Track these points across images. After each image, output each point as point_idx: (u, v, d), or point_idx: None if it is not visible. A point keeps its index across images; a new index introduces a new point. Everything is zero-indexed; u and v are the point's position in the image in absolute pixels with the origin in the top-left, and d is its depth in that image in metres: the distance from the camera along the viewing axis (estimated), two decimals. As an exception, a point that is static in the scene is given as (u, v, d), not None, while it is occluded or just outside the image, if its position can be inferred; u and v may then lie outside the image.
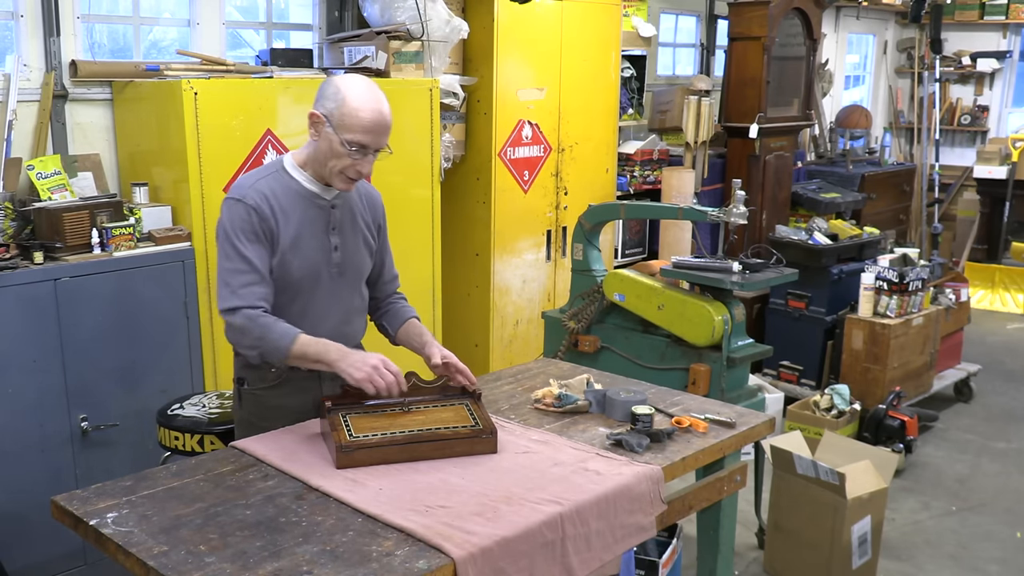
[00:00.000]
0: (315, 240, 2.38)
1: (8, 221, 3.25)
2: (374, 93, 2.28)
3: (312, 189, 2.37)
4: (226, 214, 2.32)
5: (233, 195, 2.32)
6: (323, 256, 2.40)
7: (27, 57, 3.56)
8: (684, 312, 3.90)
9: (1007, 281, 7.71)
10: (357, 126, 2.24)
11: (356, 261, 2.49)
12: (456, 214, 4.88)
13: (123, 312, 3.30)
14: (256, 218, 2.29)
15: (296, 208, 2.35)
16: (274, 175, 2.37)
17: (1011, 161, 7.98)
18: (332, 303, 2.46)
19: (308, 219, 2.36)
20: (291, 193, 2.35)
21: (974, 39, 8.88)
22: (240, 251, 2.28)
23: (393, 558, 1.77)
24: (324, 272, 2.42)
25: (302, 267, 2.37)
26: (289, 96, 3.69)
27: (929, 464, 4.62)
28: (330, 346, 2.26)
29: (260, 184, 2.33)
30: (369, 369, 2.21)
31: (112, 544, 1.82)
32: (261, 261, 2.30)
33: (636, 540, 2.18)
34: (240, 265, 2.28)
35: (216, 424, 2.86)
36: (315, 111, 2.29)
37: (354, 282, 2.52)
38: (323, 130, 2.28)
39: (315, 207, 2.38)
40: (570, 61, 5.07)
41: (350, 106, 2.24)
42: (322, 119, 2.28)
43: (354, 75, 2.33)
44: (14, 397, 3.09)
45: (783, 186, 6.31)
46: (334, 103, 2.26)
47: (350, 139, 2.25)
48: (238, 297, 2.26)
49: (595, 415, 2.54)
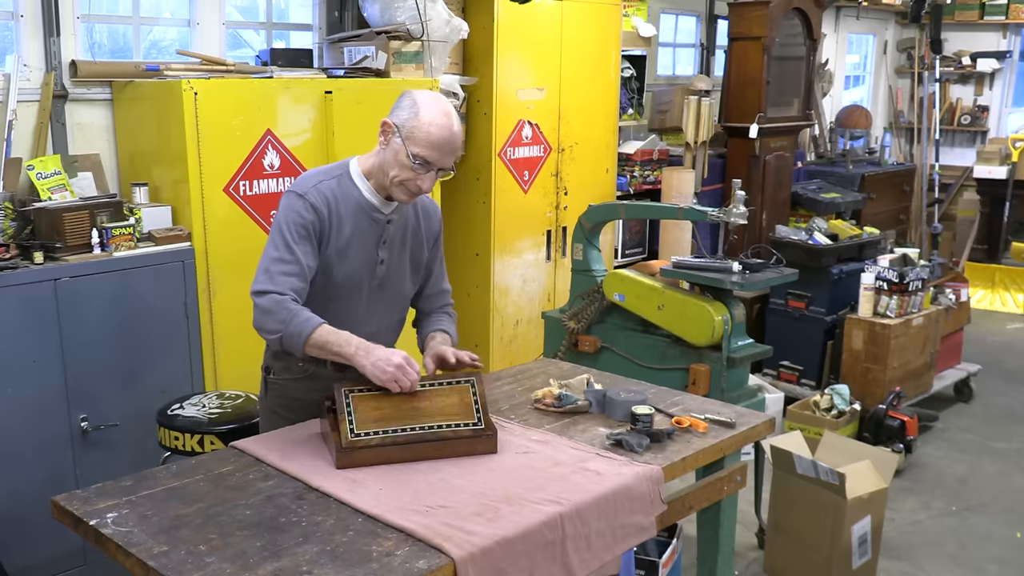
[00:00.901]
0: (364, 251, 2.39)
1: (8, 221, 3.25)
2: (448, 112, 2.29)
3: (372, 201, 2.38)
4: (285, 206, 2.33)
5: (296, 189, 2.34)
6: (368, 268, 2.42)
7: (27, 57, 3.56)
8: (684, 312, 3.90)
9: (1007, 281, 7.71)
10: (425, 140, 2.25)
11: (399, 279, 2.50)
12: (456, 214, 4.88)
13: (123, 312, 3.30)
14: (312, 217, 2.31)
15: (352, 217, 2.36)
16: (339, 178, 2.38)
17: (1011, 161, 7.98)
18: (368, 315, 2.46)
19: (361, 230, 2.37)
20: (351, 201, 2.36)
21: (974, 39, 8.88)
22: (288, 243, 2.29)
23: (393, 558, 1.77)
24: (366, 284, 2.43)
25: (345, 275, 2.38)
26: (289, 96, 3.69)
27: (929, 464, 4.62)
28: (352, 339, 2.25)
29: (323, 185, 2.35)
30: (393, 370, 2.20)
31: (112, 544, 1.82)
32: (306, 258, 2.31)
33: (636, 540, 2.18)
34: (285, 255, 2.28)
35: (216, 424, 2.86)
36: (388, 120, 2.31)
37: (394, 298, 2.53)
38: (392, 139, 2.30)
39: (370, 219, 2.38)
40: (570, 61, 5.07)
41: (423, 120, 2.25)
42: (393, 128, 2.29)
43: (433, 93, 2.35)
44: (14, 397, 3.09)
45: (783, 186, 6.31)
46: (408, 114, 2.28)
47: (416, 152, 2.26)
48: (273, 283, 2.26)
49: (595, 415, 2.54)
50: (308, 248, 2.31)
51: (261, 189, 3.61)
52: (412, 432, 2.21)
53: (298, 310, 2.25)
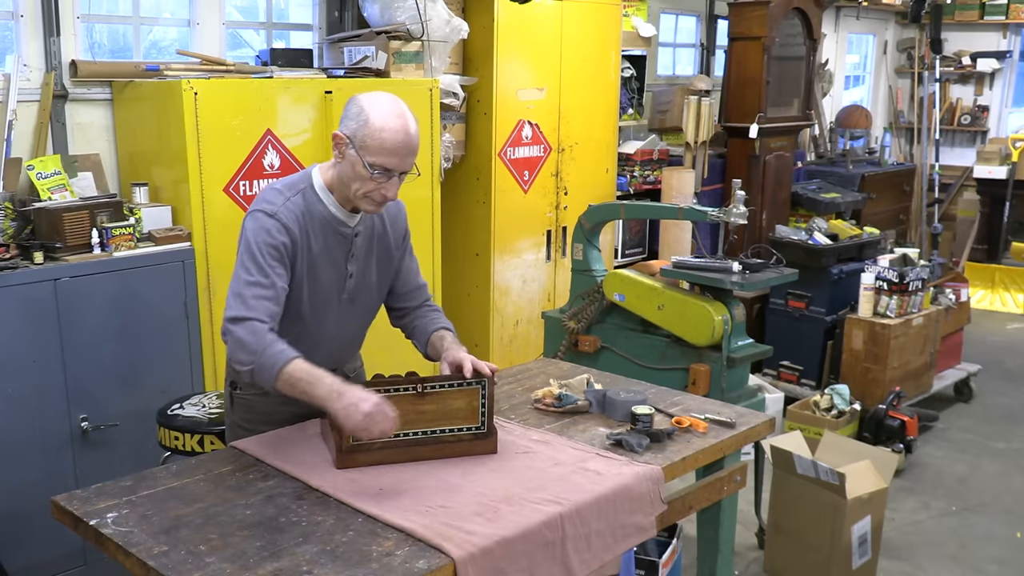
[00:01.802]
0: (333, 267, 2.32)
1: (8, 221, 3.25)
2: (400, 113, 2.17)
3: (337, 215, 2.28)
4: (254, 226, 2.20)
5: (265, 209, 2.22)
6: (337, 283, 2.34)
7: (27, 57, 3.56)
8: (684, 312, 3.90)
9: (1007, 281, 7.71)
10: (379, 148, 2.14)
11: (368, 288, 2.42)
12: (456, 214, 4.88)
13: (123, 312, 3.30)
14: (284, 238, 2.20)
15: (320, 235, 2.27)
16: (303, 193, 2.26)
17: (1011, 161, 7.97)
18: (338, 329, 2.41)
19: (329, 246, 2.29)
20: (318, 218, 2.27)
21: (974, 39, 8.88)
22: (261, 266, 2.17)
23: (393, 558, 1.77)
24: (335, 298, 2.37)
25: (316, 292, 2.32)
26: (289, 96, 3.69)
27: (929, 464, 4.62)
28: (324, 380, 2.08)
29: (292, 203, 2.23)
30: (361, 418, 2.03)
31: (112, 544, 1.83)
32: (280, 280, 2.20)
33: (636, 540, 2.18)
34: (260, 279, 2.16)
35: (216, 424, 2.86)
36: (338, 132, 2.19)
37: (364, 309, 2.45)
38: (346, 152, 2.18)
39: (338, 235, 2.30)
40: (570, 61, 5.07)
41: (373, 126, 2.14)
42: (345, 140, 2.18)
43: (380, 93, 2.22)
44: (14, 397, 3.08)
45: (783, 186, 6.31)
46: (357, 123, 2.16)
47: (373, 162, 2.15)
48: (248, 308, 2.13)
49: (595, 415, 2.54)
50: (281, 270, 2.19)
51: (261, 189, 3.60)
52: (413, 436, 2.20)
53: (273, 341, 2.11)
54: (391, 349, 2.87)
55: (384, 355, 2.84)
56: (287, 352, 2.10)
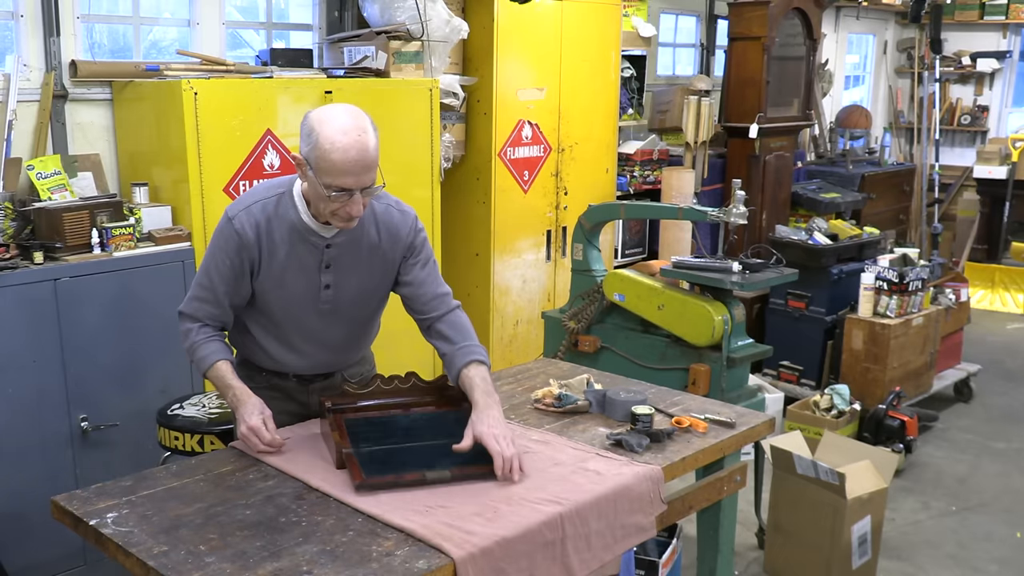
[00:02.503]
0: (302, 277, 2.26)
1: (8, 221, 3.25)
2: (349, 128, 2.06)
3: (309, 225, 2.22)
4: (218, 227, 2.27)
5: (230, 210, 2.25)
6: (310, 294, 2.29)
7: (27, 57, 3.56)
8: (684, 312, 3.90)
9: (1007, 281, 7.71)
10: (331, 168, 2.05)
11: (356, 299, 2.35)
12: (456, 214, 4.88)
13: (123, 312, 3.30)
14: (236, 244, 2.21)
15: (286, 242, 2.23)
16: (279, 197, 2.24)
17: (1011, 161, 7.97)
18: (321, 336, 2.37)
19: (297, 255, 2.24)
20: (286, 224, 2.22)
21: (974, 39, 8.88)
22: (208, 269, 2.27)
23: (393, 558, 1.77)
24: (311, 309, 2.31)
25: (285, 302, 2.29)
26: (289, 96, 3.69)
27: (929, 464, 4.61)
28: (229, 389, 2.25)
29: (257, 207, 2.22)
30: (244, 431, 2.19)
31: (112, 544, 1.83)
32: (224, 285, 2.25)
33: (636, 540, 2.18)
34: (204, 281, 2.29)
35: (216, 424, 2.86)
36: (296, 154, 2.15)
37: (352, 317, 2.39)
38: (306, 173, 2.12)
39: (307, 244, 2.24)
40: (570, 61, 5.07)
41: (323, 147, 2.05)
42: (302, 162, 2.12)
43: (332, 108, 2.12)
44: (14, 397, 3.09)
45: (783, 186, 6.31)
46: (308, 145, 2.08)
47: (329, 183, 2.07)
48: (188, 306, 2.32)
49: (595, 415, 2.54)
50: (228, 274, 2.24)
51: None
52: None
53: (201, 343, 2.28)
54: (391, 349, 2.87)
55: (384, 355, 2.83)
56: (211, 356, 2.27)
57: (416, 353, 3.83)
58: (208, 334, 2.30)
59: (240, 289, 2.28)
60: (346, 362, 2.51)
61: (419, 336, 2.44)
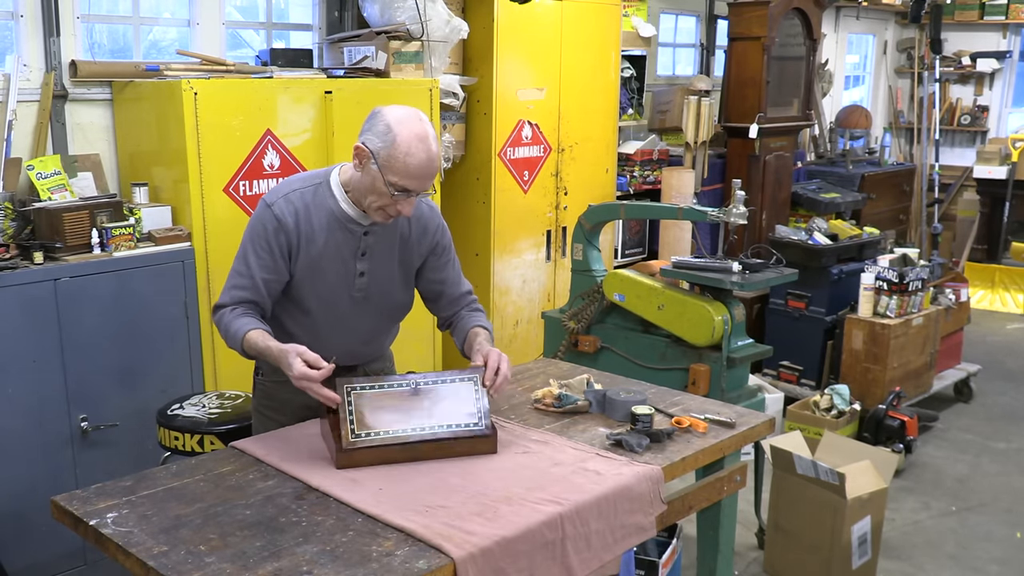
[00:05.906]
0: (339, 264, 2.32)
1: (8, 221, 3.25)
2: (424, 136, 2.16)
3: (348, 212, 2.29)
4: (255, 215, 2.31)
5: (267, 198, 2.29)
6: (345, 281, 2.35)
7: (27, 57, 3.56)
8: (684, 312, 3.90)
9: (1007, 281, 7.71)
10: (404, 171, 2.15)
11: (387, 288, 2.42)
12: (456, 214, 4.88)
13: (123, 312, 3.30)
14: (275, 228, 2.26)
15: (325, 229, 2.29)
16: (316, 187, 2.30)
17: (1011, 161, 7.98)
18: (351, 325, 2.42)
19: (335, 242, 2.30)
20: (324, 212, 2.29)
21: (974, 39, 8.88)
22: (246, 257, 2.29)
23: (393, 558, 1.77)
24: (344, 296, 2.37)
25: (320, 289, 2.34)
26: (289, 96, 3.69)
27: (929, 464, 4.62)
28: (267, 351, 2.19)
29: (295, 195, 2.28)
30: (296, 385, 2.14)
31: (112, 544, 1.83)
32: (263, 271, 2.28)
33: (636, 540, 2.18)
34: (241, 268, 2.30)
35: (216, 424, 2.86)
36: (362, 144, 2.19)
37: (381, 307, 2.45)
38: (368, 166, 2.19)
39: (345, 231, 2.30)
40: (570, 61, 5.07)
41: (399, 149, 2.13)
42: (368, 154, 2.18)
43: (407, 111, 2.20)
44: (14, 397, 3.09)
45: (783, 186, 6.31)
46: (382, 142, 2.15)
47: (395, 182, 2.15)
48: (226, 296, 2.31)
49: (595, 415, 2.54)
50: (267, 260, 2.27)
51: (261, 189, 3.60)
52: (412, 433, 2.21)
53: (232, 320, 2.26)
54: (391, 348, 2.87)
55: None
56: (243, 327, 2.24)
57: (416, 353, 3.83)
58: (240, 312, 2.28)
59: (279, 274, 2.30)
60: (370, 356, 2.56)
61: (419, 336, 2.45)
